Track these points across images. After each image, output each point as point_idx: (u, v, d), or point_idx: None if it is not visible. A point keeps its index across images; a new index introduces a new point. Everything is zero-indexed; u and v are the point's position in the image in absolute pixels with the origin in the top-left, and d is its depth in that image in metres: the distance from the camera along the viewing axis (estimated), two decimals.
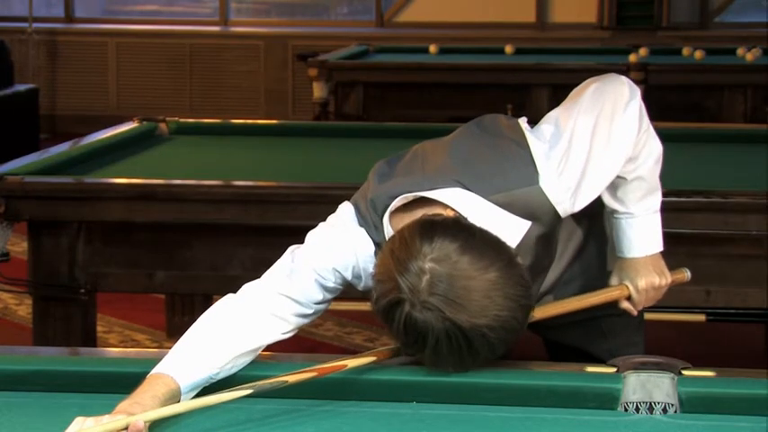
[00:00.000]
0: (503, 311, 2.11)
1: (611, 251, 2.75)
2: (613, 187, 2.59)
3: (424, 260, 2.11)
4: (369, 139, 4.70)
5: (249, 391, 2.15)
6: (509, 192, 2.39)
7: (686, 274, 2.78)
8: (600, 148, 2.47)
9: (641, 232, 2.65)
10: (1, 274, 3.79)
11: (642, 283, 2.66)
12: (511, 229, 2.38)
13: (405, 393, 2.24)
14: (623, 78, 2.60)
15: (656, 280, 2.66)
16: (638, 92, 2.57)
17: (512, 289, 2.12)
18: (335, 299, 2.46)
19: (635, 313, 2.72)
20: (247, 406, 2.17)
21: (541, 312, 2.54)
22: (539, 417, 2.17)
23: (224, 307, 2.33)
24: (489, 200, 2.38)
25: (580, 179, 2.45)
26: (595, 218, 2.72)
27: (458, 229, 2.18)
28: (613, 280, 2.70)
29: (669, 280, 2.70)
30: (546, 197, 2.42)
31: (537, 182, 2.40)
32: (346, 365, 2.25)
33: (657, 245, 2.67)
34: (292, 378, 2.19)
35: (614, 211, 2.64)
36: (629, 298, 2.68)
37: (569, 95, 2.60)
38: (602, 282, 2.72)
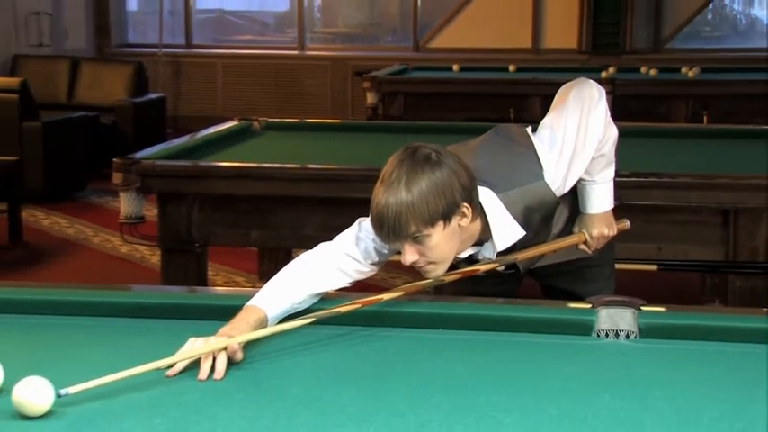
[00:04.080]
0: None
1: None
2: None
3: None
4: (408, 134, 4.67)
5: (312, 320, 2.15)
6: (523, 186, 2.39)
7: (626, 224, 2.78)
8: (581, 140, 2.48)
9: (599, 195, 2.65)
10: (138, 232, 3.81)
11: (595, 233, 2.66)
12: (507, 231, 2.39)
13: (433, 322, 2.23)
14: (592, 82, 2.61)
15: (606, 231, 2.67)
16: (603, 91, 2.59)
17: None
18: None
19: (589, 253, 2.71)
20: (316, 330, 2.16)
21: (524, 254, 2.53)
22: (534, 340, 2.16)
23: (304, 260, 2.31)
24: (508, 193, 2.37)
25: (569, 166, 2.45)
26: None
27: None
28: (575, 229, 2.69)
29: (615, 230, 2.70)
30: (550, 188, 2.42)
31: (543, 177, 2.41)
32: (382, 298, 2.24)
33: (610, 204, 2.68)
34: (343, 309, 2.19)
35: (581, 180, 2.61)
36: (585, 242, 2.67)
37: (556, 98, 2.59)
38: None
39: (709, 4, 10.83)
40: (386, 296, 2.24)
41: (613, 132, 2.59)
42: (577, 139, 2.47)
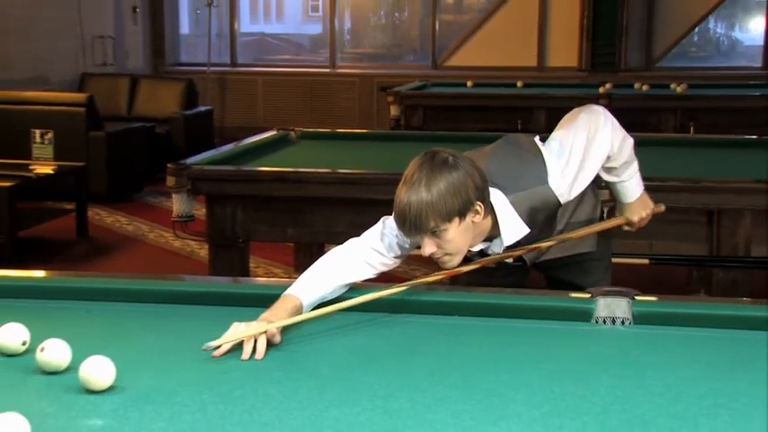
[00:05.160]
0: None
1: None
2: (609, 171, 2.64)
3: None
4: (427, 143, 4.65)
5: (406, 287, 2.23)
6: (528, 189, 2.38)
7: (662, 207, 2.86)
8: (587, 156, 2.48)
9: (629, 188, 2.72)
10: (189, 229, 3.82)
11: (635, 218, 2.74)
12: (514, 228, 2.39)
13: (449, 310, 2.22)
14: (600, 107, 2.60)
15: (644, 213, 2.75)
16: (610, 116, 2.58)
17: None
18: None
19: (634, 231, 2.79)
20: (345, 316, 2.16)
21: (576, 233, 2.62)
22: (538, 326, 2.15)
23: (335, 254, 2.30)
24: (516, 195, 2.36)
25: (575, 177, 2.44)
26: (583, 195, 2.67)
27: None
28: (617, 213, 2.76)
29: (650, 209, 2.77)
30: (554, 192, 2.41)
31: (547, 182, 2.40)
32: (461, 270, 2.32)
33: (640, 189, 2.74)
34: (429, 279, 2.28)
35: (613, 182, 2.70)
36: (628, 224, 2.75)
37: (566, 117, 2.58)
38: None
39: (695, 27, 10.78)
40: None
41: (629, 143, 2.63)
42: (584, 155, 2.47)
